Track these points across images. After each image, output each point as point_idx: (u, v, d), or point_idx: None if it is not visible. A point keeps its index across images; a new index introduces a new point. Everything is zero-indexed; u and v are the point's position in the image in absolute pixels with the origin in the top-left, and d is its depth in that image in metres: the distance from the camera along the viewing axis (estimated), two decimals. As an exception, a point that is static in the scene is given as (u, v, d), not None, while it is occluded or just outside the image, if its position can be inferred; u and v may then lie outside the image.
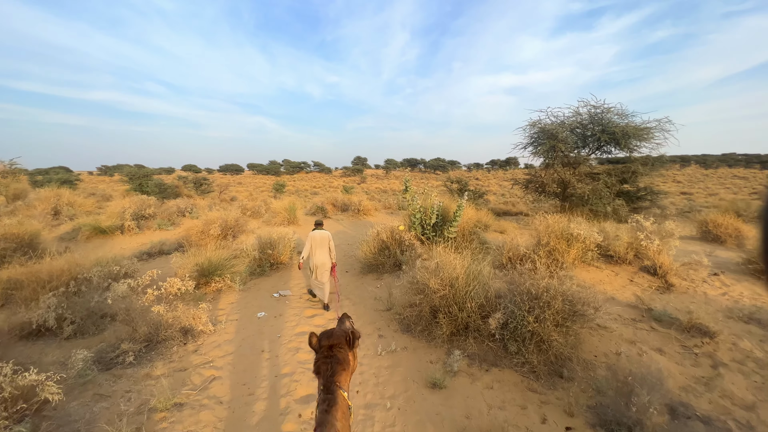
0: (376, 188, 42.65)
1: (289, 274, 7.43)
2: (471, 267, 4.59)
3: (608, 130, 12.21)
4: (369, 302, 5.74)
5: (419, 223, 7.54)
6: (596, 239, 5.86)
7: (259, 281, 6.99)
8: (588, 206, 12.55)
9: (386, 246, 7.13)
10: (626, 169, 12.71)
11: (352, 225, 14.03)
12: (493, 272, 4.84)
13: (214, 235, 10.39)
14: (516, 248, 6.14)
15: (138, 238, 11.94)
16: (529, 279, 4.18)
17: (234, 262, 7.16)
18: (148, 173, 22.72)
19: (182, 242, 11.02)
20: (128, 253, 10.46)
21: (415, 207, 7.40)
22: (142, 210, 13.23)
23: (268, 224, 13.50)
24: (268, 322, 5.23)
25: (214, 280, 6.38)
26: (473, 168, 66.63)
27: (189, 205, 14.99)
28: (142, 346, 4.49)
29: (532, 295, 3.92)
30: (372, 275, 7.00)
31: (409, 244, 7.07)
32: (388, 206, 20.01)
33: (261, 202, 16.21)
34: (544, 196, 14.77)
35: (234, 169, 68.15)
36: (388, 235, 7.21)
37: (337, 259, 8.70)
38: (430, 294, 4.39)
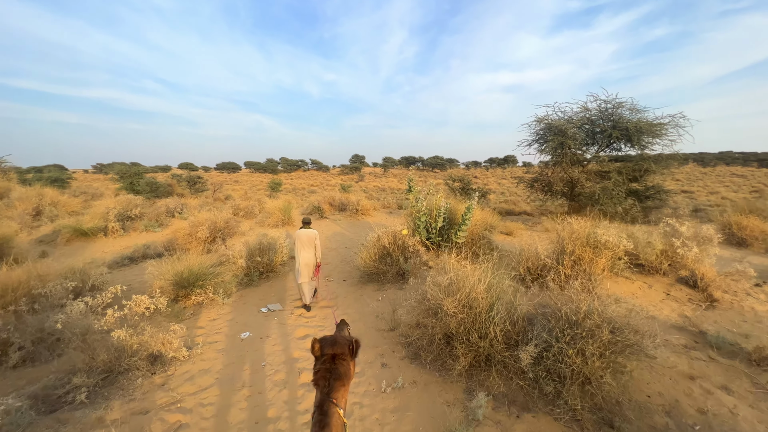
0: (374, 186, 41.86)
1: (281, 284, 6.65)
2: (493, 283, 3.82)
3: (620, 126, 11.48)
4: (369, 319, 4.98)
5: (424, 227, 6.77)
6: (626, 246, 5.12)
7: (247, 293, 6.20)
8: (598, 206, 11.82)
9: (388, 252, 6.37)
10: (638, 167, 11.98)
11: (350, 226, 13.25)
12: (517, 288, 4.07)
13: (201, 238, 9.60)
14: (535, 256, 5.39)
15: (122, 240, 11.12)
16: (564, 299, 3.43)
17: (219, 270, 6.38)
18: (139, 171, 21.79)
19: (169, 245, 10.24)
20: (110, 257, 9.65)
21: (420, 209, 6.63)
22: (128, 210, 12.39)
23: (262, 225, 12.71)
24: (252, 345, 4.45)
25: (194, 292, 5.60)
26: (471, 166, 65.85)
27: (179, 205, 14.15)
28: (100, 379, 3.71)
29: (571, 321, 3.17)
30: (372, 285, 6.24)
31: (414, 251, 6.31)
32: (387, 205, 19.23)
33: (255, 202, 15.39)
34: (549, 195, 14.04)
35: (231, 168, 67.07)
36: (389, 241, 6.44)
37: (333, 267, 7.96)
38: (444, 317, 3.62)
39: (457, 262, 4.65)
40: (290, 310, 5.52)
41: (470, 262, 6.39)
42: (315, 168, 67.41)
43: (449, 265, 4.32)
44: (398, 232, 6.55)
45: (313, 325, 4.98)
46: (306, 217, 5.90)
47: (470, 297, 3.61)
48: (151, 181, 20.95)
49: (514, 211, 18.54)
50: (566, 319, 3.18)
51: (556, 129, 12.36)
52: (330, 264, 8.09)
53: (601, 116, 12.40)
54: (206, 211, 11.71)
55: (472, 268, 4.23)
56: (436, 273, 4.29)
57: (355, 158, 65.81)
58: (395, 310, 4.88)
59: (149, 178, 21.51)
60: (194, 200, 17.23)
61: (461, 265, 4.37)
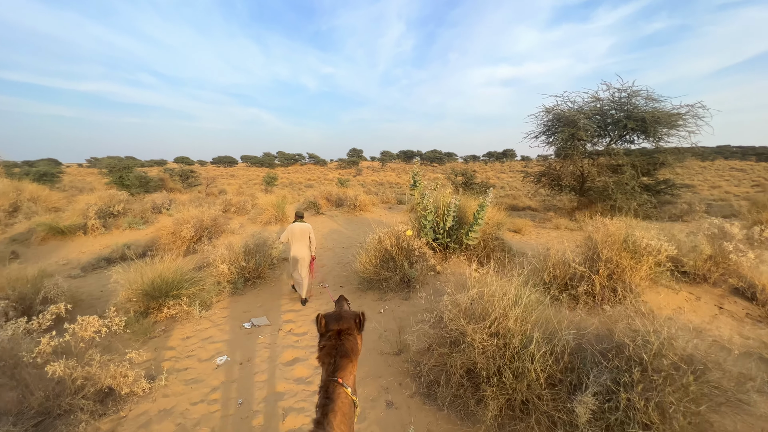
0: (372, 180, 40.98)
1: (270, 292, 5.83)
2: (530, 303, 3.02)
3: (635, 116, 10.65)
4: (371, 338, 4.18)
5: (431, 227, 5.96)
6: (669, 251, 4.33)
7: (230, 302, 5.38)
8: (610, 202, 11.05)
9: (391, 256, 5.55)
10: (653, 160, 11.20)
11: (347, 222, 12.42)
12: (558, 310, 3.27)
13: (186, 237, 8.75)
14: (563, 263, 4.59)
15: (103, 239, 10.25)
16: (621, 327, 2.63)
17: (200, 276, 5.56)
18: (128, 165, 20.79)
19: (152, 245, 9.39)
20: (87, 259, 8.79)
21: (427, 206, 5.81)
22: (110, 207, 11.49)
23: (254, 222, 11.86)
24: (229, 373, 3.65)
25: (166, 304, 4.77)
26: (470, 160, 64.89)
27: (166, 201, 13.26)
28: (31, 426, 2.91)
29: (637, 360, 2.37)
30: (373, 294, 5.43)
31: (420, 254, 5.49)
32: (386, 200, 18.40)
33: (247, 197, 14.52)
34: (557, 190, 13.25)
35: (227, 162, 65.82)
36: (392, 243, 5.62)
37: (329, 270, 7.15)
38: (467, 348, 2.82)
39: (476, 270, 3.84)
40: (278, 325, 4.71)
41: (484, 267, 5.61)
42: (312, 162, 66.28)
43: (469, 277, 3.48)
44: (402, 233, 5.73)
45: (303, 346, 4.17)
46: (299, 210, 5.70)
47: (501, 323, 2.81)
48: (140, 175, 19.98)
49: (518, 206, 17.73)
50: (633, 357, 2.38)
51: (566, 120, 11.53)
52: (325, 267, 7.28)
53: (613, 106, 11.57)
54: (193, 208, 10.84)
55: (496, 280, 3.42)
56: (453, 288, 3.46)
57: (352, 152, 64.72)
58: (401, 329, 4.08)
59: (139, 172, 20.53)
60: (184, 195, 16.33)
61: (482, 275, 3.55)
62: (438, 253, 6.15)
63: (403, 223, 6.76)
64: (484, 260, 6.16)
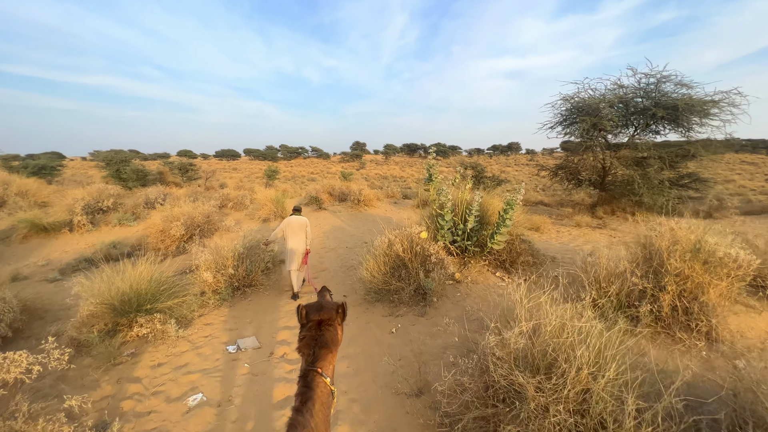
0: (375, 174, 40.04)
1: (263, 303, 4.99)
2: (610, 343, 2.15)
3: (664, 103, 9.65)
4: (380, 371, 3.33)
5: (449, 228, 5.08)
6: (753, 263, 3.44)
7: (215, 317, 4.55)
8: (635, 197, 10.12)
9: (403, 263, 4.69)
10: (683, 152, 10.22)
11: (351, 218, 11.56)
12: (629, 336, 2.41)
13: (175, 236, 7.94)
14: (616, 275, 3.71)
15: (90, 236, 9.46)
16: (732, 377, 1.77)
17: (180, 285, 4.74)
18: (126, 158, 19.95)
19: (140, 244, 8.59)
20: (69, 259, 7.99)
21: (445, 204, 4.92)
22: (99, 202, 10.70)
23: (252, 218, 11.03)
24: (203, 422, 2.83)
25: (138, 321, 3.96)
26: (474, 153, 63.59)
27: (161, 195, 12.43)
28: None
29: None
30: (383, 307, 4.58)
31: (437, 260, 4.63)
32: (391, 195, 17.50)
33: (246, 192, 13.68)
34: (575, 184, 12.30)
35: (230, 155, 64.94)
36: (405, 247, 4.75)
37: (332, 274, 6.32)
38: (527, 414, 1.97)
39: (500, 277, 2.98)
40: (270, 347, 3.88)
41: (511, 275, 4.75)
42: (315, 155, 65.26)
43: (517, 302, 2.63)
44: (415, 235, 4.86)
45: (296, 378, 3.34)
46: (296, 205, 5.61)
47: (576, 378, 1.94)
48: (137, 168, 19.15)
49: (528, 201, 16.77)
50: None
51: (586, 109, 10.54)
52: (327, 270, 6.43)
53: (639, 93, 10.55)
54: (186, 203, 10.01)
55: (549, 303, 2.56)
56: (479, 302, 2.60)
57: (356, 145, 63.60)
58: (420, 359, 3.24)
59: (136, 165, 19.69)
60: (181, 190, 15.49)
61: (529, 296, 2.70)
62: (455, 258, 5.28)
63: (416, 223, 5.88)
64: (508, 266, 5.30)
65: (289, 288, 5.38)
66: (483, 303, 4.31)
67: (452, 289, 4.73)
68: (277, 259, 6.41)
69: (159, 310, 4.20)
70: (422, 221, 5.92)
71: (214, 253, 4.91)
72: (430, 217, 5.99)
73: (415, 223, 6.22)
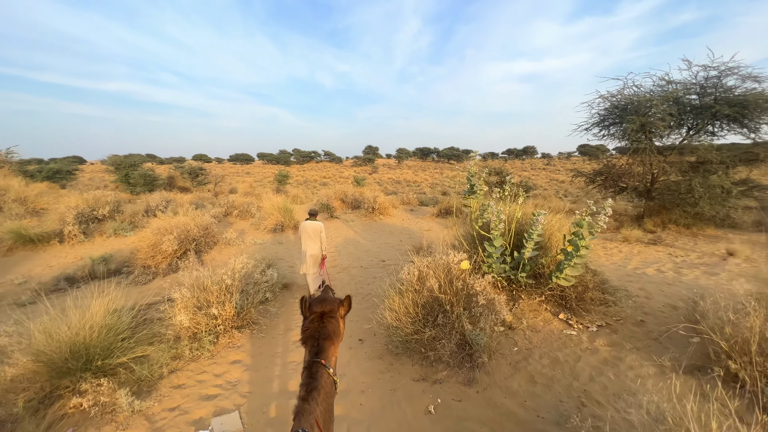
0: (388, 179, 38.91)
1: (256, 351, 3.84)
2: None
3: (732, 101, 8.21)
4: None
5: (500, 257, 3.85)
6: None
7: (189, 375, 3.40)
8: (692, 207, 8.66)
9: (439, 303, 3.48)
10: (750, 156, 8.74)
11: (366, 229, 10.39)
12: None
13: (167, 251, 6.90)
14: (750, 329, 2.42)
15: (81, 248, 8.54)
16: None
17: (149, 328, 3.65)
18: (135, 162, 19.32)
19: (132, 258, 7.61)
20: (53, 274, 7.07)
21: (497, 226, 3.69)
22: (95, 210, 9.82)
23: (257, 229, 9.98)
24: None
25: (79, 387, 2.86)
26: (488, 157, 61.77)
27: (163, 201, 11.51)
28: None
29: None
30: (412, 365, 3.36)
31: (487, 302, 3.40)
32: (406, 202, 16.30)
33: (253, 199, 12.69)
34: (613, 191, 10.86)
35: (244, 159, 64.82)
36: (441, 281, 3.54)
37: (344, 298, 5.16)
38: None
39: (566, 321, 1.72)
40: (258, 430, 2.72)
41: (572, 316, 3.51)
42: (328, 159, 64.55)
43: None
44: (454, 266, 3.65)
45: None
46: (312, 209, 5.47)
47: None
48: (145, 173, 18.46)
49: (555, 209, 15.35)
50: None
51: (637, 106, 9.16)
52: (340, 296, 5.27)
53: (694, 89, 9.11)
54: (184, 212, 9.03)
55: None
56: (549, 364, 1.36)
57: (368, 149, 62.66)
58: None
59: (144, 169, 19.01)
60: (186, 195, 14.61)
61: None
62: (501, 292, 4.05)
63: (451, 246, 4.66)
64: (573, 303, 4.02)
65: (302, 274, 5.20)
66: (555, 367, 3.06)
67: (506, 340, 3.50)
68: (279, 285, 5.28)
69: (114, 368, 3.11)
70: (459, 243, 4.69)
71: (195, 285, 3.79)
72: (466, 236, 4.77)
73: (447, 243, 5.01)
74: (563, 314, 3.91)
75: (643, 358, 3.04)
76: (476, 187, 4.00)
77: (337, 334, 1.49)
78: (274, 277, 4.43)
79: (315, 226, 5.11)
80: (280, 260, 7.42)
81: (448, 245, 4.99)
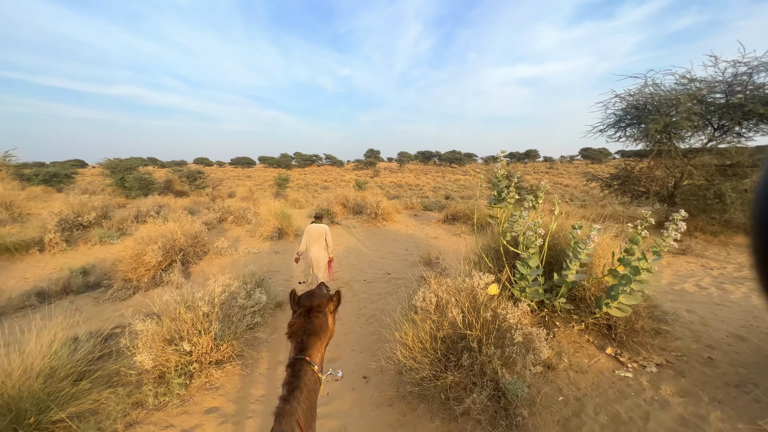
0: (390, 182, 38.26)
1: (232, 398, 3.14)
2: None
3: (766, 98, 7.53)
4: None
5: (536, 280, 3.15)
6: None
7: (147, 431, 2.72)
8: (720, 215, 7.98)
9: (461, 336, 2.79)
10: (784, 158, 8.03)
11: (368, 236, 9.71)
12: None
13: (150, 263, 6.22)
14: None
15: (62, 257, 7.87)
16: None
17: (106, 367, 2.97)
18: (130, 165, 18.71)
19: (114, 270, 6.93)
20: (26, 288, 6.40)
21: (531, 242, 2.99)
22: (80, 216, 9.17)
23: (253, 236, 9.29)
24: None
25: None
26: (490, 161, 61.07)
27: (155, 206, 10.85)
28: None
29: None
30: (429, 419, 2.65)
31: (525, 338, 2.70)
32: (410, 206, 15.61)
33: (250, 204, 12.02)
34: (629, 197, 10.17)
35: (245, 162, 64.27)
36: (466, 309, 2.84)
37: (347, 328, 4.45)
38: None
39: None
40: None
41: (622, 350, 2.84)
42: (329, 163, 63.97)
43: None
44: (480, 290, 2.95)
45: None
46: (318, 211, 5.40)
47: None
48: (141, 176, 17.84)
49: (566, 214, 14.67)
50: None
51: (658, 105, 8.49)
52: (341, 322, 4.55)
53: (721, 86, 8.44)
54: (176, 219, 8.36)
55: None
56: None
57: (369, 153, 62.07)
58: None
59: (140, 173, 18.40)
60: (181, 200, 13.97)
61: None
62: (529, 314, 3.35)
63: (470, 261, 3.97)
64: (622, 335, 3.31)
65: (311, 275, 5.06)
66: (619, 428, 2.35)
67: (547, 386, 2.79)
68: (272, 304, 4.59)
69: (55, 423, 2.42)
70: (479, 259, 3.99)
71: (164, 313, 3.09)
72: (487, 250, 4.08)
73: (462, 257, 4.31)
74: (610, 348, 3.20)
75: (734, 417, 2.33)
76: (505, 192, 3.32)
77: (324, 329, 1.44)
78: (262, 300, 3.72)
79: (320, 229, 5.04)
80: (275, 272, 6.73)
81: (464, 259, 4.30)
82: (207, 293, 3.26)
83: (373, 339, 3.97)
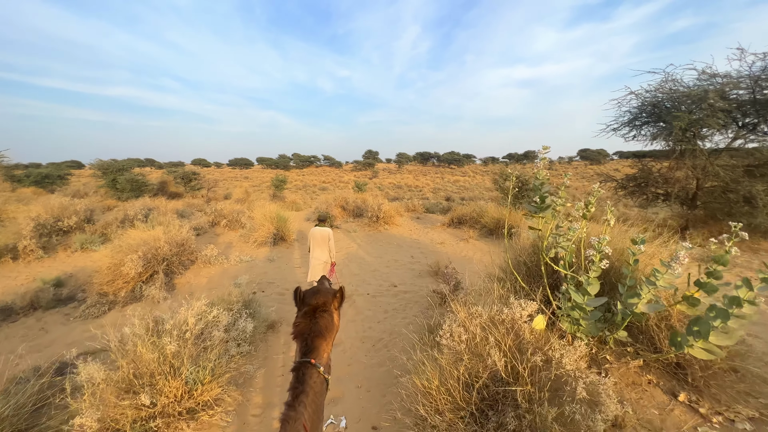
0: (389, 183, 37.60)
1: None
2: None
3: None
4: None
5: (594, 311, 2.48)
6: None
7: None
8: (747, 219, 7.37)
9: (504, 382, 2.12)
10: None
11: (370, 241, 9.03)
12: None
13: (129, 275, 5.52)
14: None
15: (38, 266, 7.15)
16: None
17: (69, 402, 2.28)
18: (123, 166, 17.91)
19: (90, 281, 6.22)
20: (-10, 303, 5.68)
21: (597, 263, 2.33)
22: (61, 220, 8.44)
23: (246, 242, 8.60)
24: None
25: None
26: (489, 162, 60.47)
27: (143, 209, 10.12)
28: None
29: None
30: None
31: (590, 391, 2.04)
32: (412, 208, 14.95)
33: (245, 207, 11.32)
34: (645, 199, 9.54)
35: (243, 164, 63.40)
36: (507, 351, 2.18)
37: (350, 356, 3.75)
38: None
39: None
40: None
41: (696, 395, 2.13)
42: (327, 164, 63.20)
43: None
44: (521, 322, 2.28)
45: None
46: (321, 214, 5.26)
47: None
48: (133, 177, 17.08)
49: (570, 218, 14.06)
50: None
51: (684, 101, 7.88)
52: (343, 348, 3.87)
53: (745, 82, 7.83)
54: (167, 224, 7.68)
55: None
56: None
57: (368, 154, 61.35)
58: None
59: (133, 174, 17.62)
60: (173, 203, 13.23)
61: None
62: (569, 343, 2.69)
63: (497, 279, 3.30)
64: (691, 376, 2.65)
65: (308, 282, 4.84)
66: None
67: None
68: (263, 326, 3.90)
69: None
70: (505, 275, 3.32)
71: (120, 353, 2.41)
72: (517, 265, 3.41)
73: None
74: (684, 394, 2.54)
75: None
76: (548, 201, 2.66)
77: (330, 329, 1.39)
78: (248, 329, 3.04)
79: (323, 232, 4.96)
80: (269, 284, 6.05)
81: (488, 275, 3.64)
82: (177, 325, 2.57)
83: (383, 372, 3.30)
